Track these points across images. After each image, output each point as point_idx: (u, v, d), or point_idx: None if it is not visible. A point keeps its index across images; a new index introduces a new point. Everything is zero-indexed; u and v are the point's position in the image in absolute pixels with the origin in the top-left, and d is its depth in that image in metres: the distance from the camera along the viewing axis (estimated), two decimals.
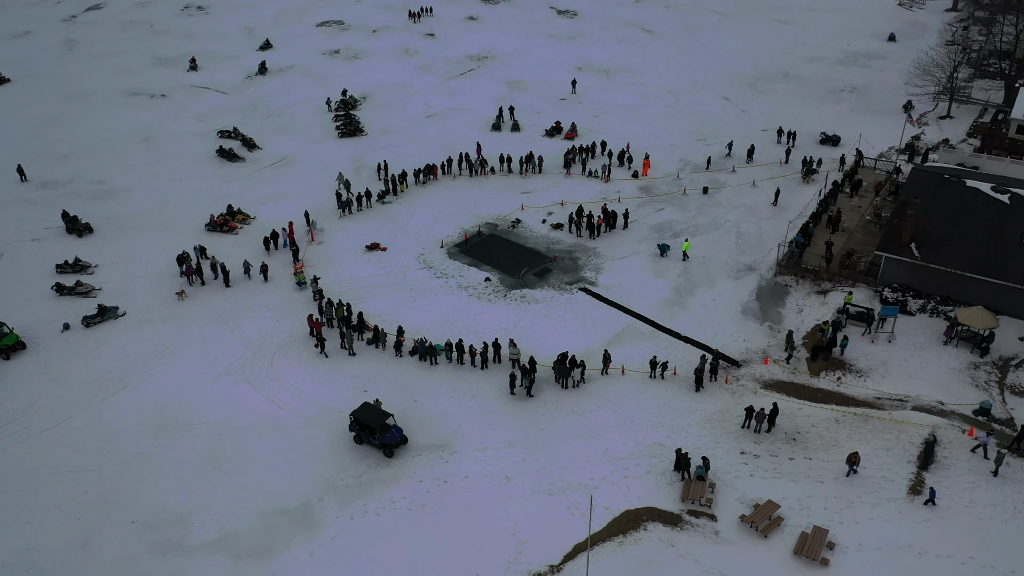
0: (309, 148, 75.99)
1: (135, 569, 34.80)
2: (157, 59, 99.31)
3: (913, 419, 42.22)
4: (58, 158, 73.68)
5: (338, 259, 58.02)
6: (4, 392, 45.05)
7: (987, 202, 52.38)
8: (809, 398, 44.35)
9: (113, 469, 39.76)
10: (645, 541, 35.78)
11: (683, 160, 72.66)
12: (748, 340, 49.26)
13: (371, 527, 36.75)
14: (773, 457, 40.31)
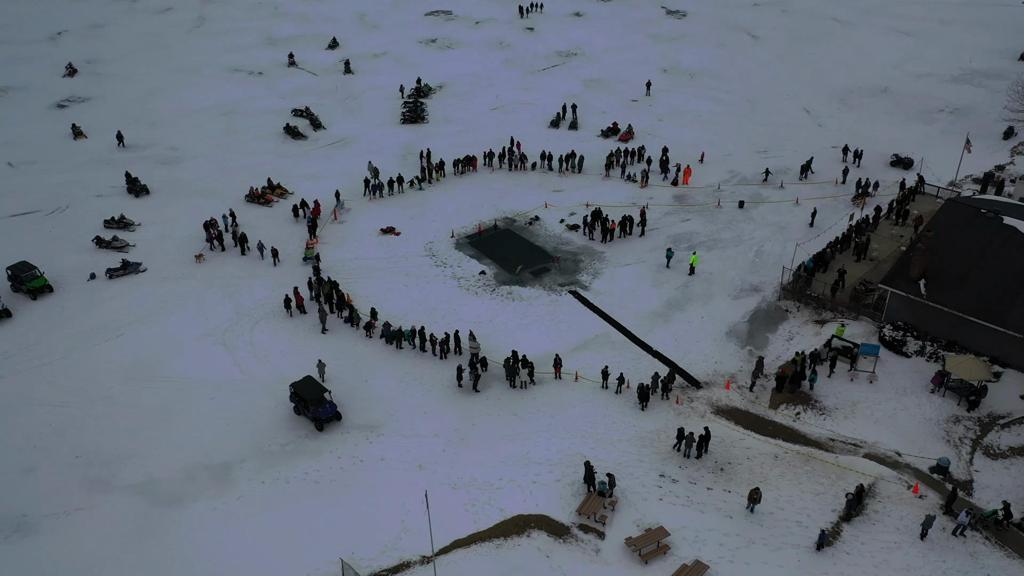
0: (369, 131, 78.97)
1: (62, 499, 38.30)
2: (268, 39, 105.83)
3: (858, 466, 39.27)
4: (147, 124, 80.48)
5: (352, 239, 60.32)
6: (19, 328, 50.36)
7: (1021, 243, 47.39)
8: (757, 430, 42.15)
9: (78, 408, 43.74)
10: (523, 547, 35.55)
11: (732, 171, 69.92)
12: (721, 362, 47.28)
13: (277, 493, 38.56)
14: (692, 484, 38.75)
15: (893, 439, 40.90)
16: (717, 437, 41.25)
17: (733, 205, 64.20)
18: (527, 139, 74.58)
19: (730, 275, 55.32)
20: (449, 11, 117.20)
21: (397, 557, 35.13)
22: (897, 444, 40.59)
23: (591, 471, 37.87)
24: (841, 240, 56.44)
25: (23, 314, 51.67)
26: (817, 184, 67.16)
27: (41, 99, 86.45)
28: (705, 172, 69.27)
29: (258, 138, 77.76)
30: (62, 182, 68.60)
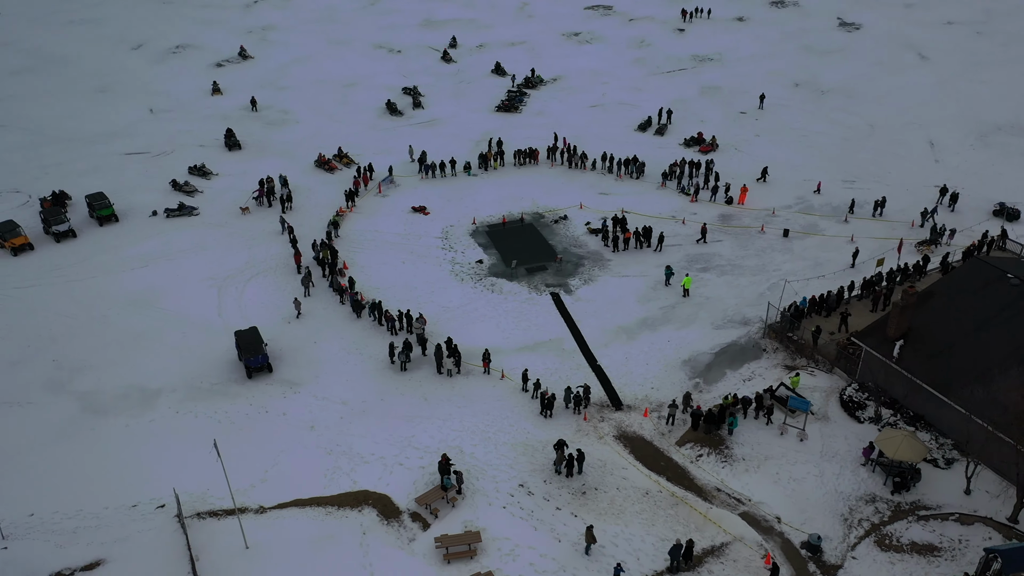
0: (462, 115, 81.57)
1: (20, 392, 44.80)
2: (426, 21, 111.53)
3: (725, 522, 36.21)
4: (277, 88, 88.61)
5: (383, 212, 63.41)
6: (78, 248, 58.60)
7: None
8: (647, 463, 40.00)
9: (77, 322, 50.55)
10: (348, 520, 36.76)
11: (801, 198, 64.85)
12: (658, 389, 45.04)
13: (181, 424, 42.57)
14: (545, 500, 37.81)
15: (783, 504, 37.10)
16: (600, 462, 39.72)
17: (777, 232, 59.60)
18: (610, 140, 73.73)
19: (726, 303, 51.97)
20: (609, 7, 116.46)
21: (240, 502, 37.61)
22: (784, 510, 36.79)
23: (445, 464, 38.09)
24: (864, 285, 50.86)
25: (86, 237, 59.95)
26: (889, 223, 60.57)
27: (207, 57, 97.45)
28: (770, 194, 64.77)
29: (361, 110, 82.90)
30: (180, 131, 77.69)
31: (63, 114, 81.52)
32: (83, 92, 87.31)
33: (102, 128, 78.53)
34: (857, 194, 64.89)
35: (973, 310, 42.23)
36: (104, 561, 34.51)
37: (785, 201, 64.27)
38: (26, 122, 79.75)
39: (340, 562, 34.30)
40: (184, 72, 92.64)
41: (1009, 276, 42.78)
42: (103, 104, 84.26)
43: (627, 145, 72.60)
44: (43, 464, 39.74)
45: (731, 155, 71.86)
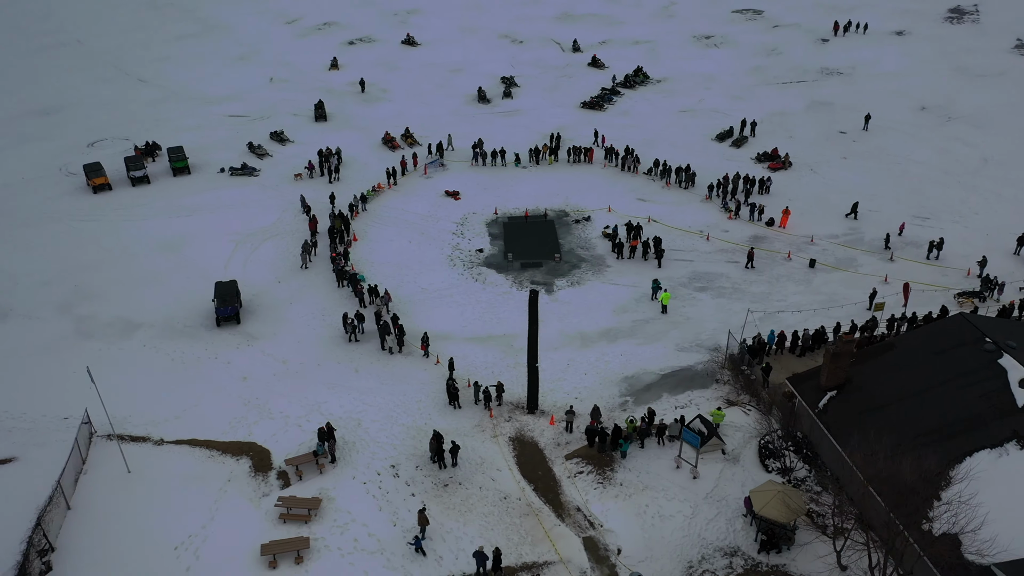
0: (546, 108, 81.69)
1: (37, 308, 51.26)
2: (564, 15, 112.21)
3: (561, 543, 34.82)
4: (389, 69, 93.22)
5: (418, 193, 65.39)
6: (146, 192, 65.52)
7: (993, 390, 35.36)
8: (524, 469, 39.15)
9: (110, 256, 56.70)
10: (222, 466, 39.12)
11: (855, 229, 59.37)
12: (583, 400, 43.65)
13: (138, 354, 46.87)
14: (406, 485, 38.17)
15: (633, 537, 34.96)
16: (479, 459, 39.47)
17: (803, 262, 55.05)
18: (682, 146, 71.47)
19: (704, 326, 49.02)
20: (759, 11, 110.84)
21: (144, 431, 41.22)
22: (630, 544, 34.68)
23: (325, 432, 39.44)
24: (852, 329, 46.04)
25: (157, 184, 66.97)
26: (943, 267, 53.95)
27: (345, 36, 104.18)
28: (822, 222, 59.61)
29: (453, 95, 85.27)
30: (284, 99, 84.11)
31: (199, 77, 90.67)
32: (225, 59, 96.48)
33: (225, 92, 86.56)
34: (928, 232, 58.14)
35: (929, 371, 37.14)
36: (16, 459, 39.09)
37: (838, 230, 58.87)
38: (166, 81, 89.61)
39: (192, 502, 36.73)
40: (317, 48, 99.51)
41: (987, 340, 37.08)
42: (236, 71, 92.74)
43: (698, 153, 69.57)
44: (13, 369, 45.48)
45: (802, 176, 66.75)
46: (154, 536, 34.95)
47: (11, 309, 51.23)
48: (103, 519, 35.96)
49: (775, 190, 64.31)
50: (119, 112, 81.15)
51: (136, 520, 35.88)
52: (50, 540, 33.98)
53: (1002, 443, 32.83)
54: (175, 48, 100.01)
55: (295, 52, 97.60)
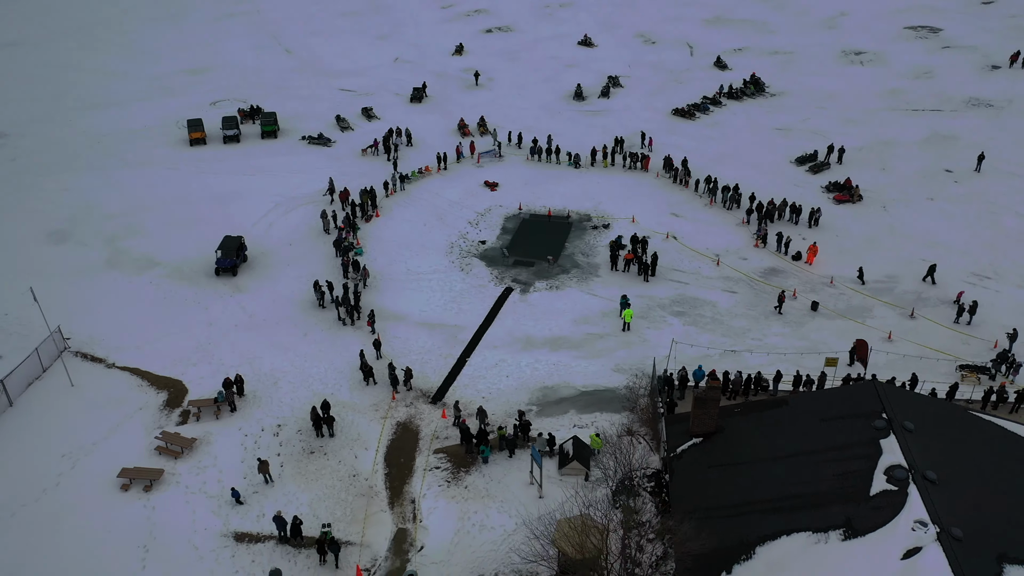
0: (635, 111, 79.85)
1: (95, 236, 59.01)
2: (716, 18, 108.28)
3: (375, 527, 35.63)
4: (509, 58, 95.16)
5: (460, 179, 66.78)
6: (232, 150, 72.49)
7: (857, 470, 31.68)
8: (388, 453, 40.09)
9: (170, 200, 63.61)
10: (142, 396, 43.50)
11: (892, 277, 53.68)
12: (491, 401, 43.58)
13: (137, 287, 52.62)
14: (278, 446, 40.46)
15: (444, 542, 34.84)
16: (356, 435, 40.99)
17: (805, 303, 50.62)
18: (752, 166, 67.58)
19: (657, 352, 46.65)
20: (937, 29, 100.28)
21: (104, 353, 46.75)
22: (437, 547, 34.59)
23: (231, 383, 42.70)
24: (796, 381, 42.02)
25: (245, 144, 73.84)
26: (968, 335, 47.46)
27: (492, 22, 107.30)
28: (861, 264, 54.06)
29: (553, 90, 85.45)
30: (397, 79, 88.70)
31: (336, 52, 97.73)
32: (368, 37, 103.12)
33: (352, 67, 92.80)
34: (981, 294, 51.05)
35: (805, 436, 33.48)
36: (2, 357, 45.95)
37: (873, 275, 53.24)
38: (310, 56, 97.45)
39: (101, 420, 41.44)
40: (455, 32, 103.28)
41: (883, 416, 32.77)
42: (373, 49, 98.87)
43: (769, 175, 65.56)
44: (39, 286, 52.80)
45: (869, 212, 60.67)
46: (52, 441, 39.88)
47: (71, 236, 59.27)
48: (27, 418, 41.54)
49: (828, 224, 59.00)
50: (253, 77, 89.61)
51: (50, 425, 41.14)
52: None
53: (827, 529, 29.15)
54: (332, 23, 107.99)
55: (433, 35, 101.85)
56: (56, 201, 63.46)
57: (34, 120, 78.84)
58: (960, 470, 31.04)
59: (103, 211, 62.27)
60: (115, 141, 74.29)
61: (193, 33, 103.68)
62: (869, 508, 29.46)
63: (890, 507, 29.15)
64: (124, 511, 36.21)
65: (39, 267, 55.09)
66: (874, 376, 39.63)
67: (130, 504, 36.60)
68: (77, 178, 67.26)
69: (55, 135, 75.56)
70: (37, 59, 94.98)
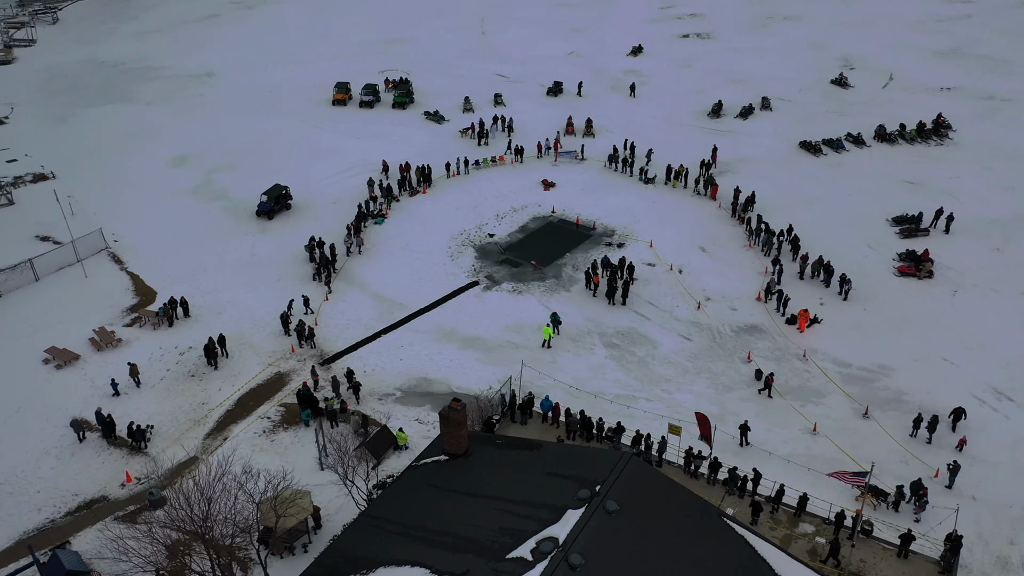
0: (761, 138, 73.76)
1: (208, 164, 69.95)
2: (953, 51, 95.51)
3: (171, 451, 40.02)
4: (678, 67, 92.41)
5: (524, 174, 67.36)
6: (364, 113, 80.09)
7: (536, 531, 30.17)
8: (242, 400, 44.01)
9: (284, 148, 72.44)
10: (126, 293, 52.01)
11: (882, 367, 46.29)
12: (368, 375, 45.61)
13: (198, 215, 61.79)
14: (165, 368, 46.24)
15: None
16: (233, 375, 45.39)
17: (779, 374, 45.54)
18: (841, 217, 60.41)
19: (556, 375, 45.41)
20: None
21: (127, 258, 56.10)
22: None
23: (173, 302, 49.40)
24: (635, 440, 38.80)
25: (376, 110, 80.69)
26: (915, 456, 39.99)
27: (684, 28, 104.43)
28: (866, 348, 47.22)
29: (697, 103, 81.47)
30: (553, 71, 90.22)
31: (523, 40, 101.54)
32: (563, 29, 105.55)
33: (524, 55, 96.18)
34: (982, 413, 42.35)
35: (516, 483, 31.70)
36: (62, 244, 57.23)
37: (865, 360, 46.06)
38: (497, 39, 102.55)
39: (77, 308, 50.20)
40: (653, 34, 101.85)
41: (595, 488, 30.15)
42: (557, 40, 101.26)
43: (845, 230, 58.36)
44: (129, 198, 63.91)
45: (930, 292, 51.76)
46: (38, 314, 49.40)
47: (186, 162, 70.31)
48: (41, 293, 51.67)
49: (870, 294, 51.27)
50: (432, 54, 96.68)
51: (48, 302, 50.79)
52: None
53: (445, 574, 28.11)
54: (541, 11, 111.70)
55: (625, 34, 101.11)
56: (199, 133, 75.19)
57: (238, 67, 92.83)
58: (625, 566, 27.55)
59: (223, 147, 72.58)
60: (281, 93, 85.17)
61: (416, 7, 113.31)
62: (491, 569, 27.61)
63: (509, 574, 27.12)
64: (28, 376, 44.09)
65: (148, 181, 66.53)
66: (644, 451, 35.11)
67: (36, 372, 44.44)
68: (227, 117, 78.76)
69: (244, 81, 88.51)
70: (270, 17, 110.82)
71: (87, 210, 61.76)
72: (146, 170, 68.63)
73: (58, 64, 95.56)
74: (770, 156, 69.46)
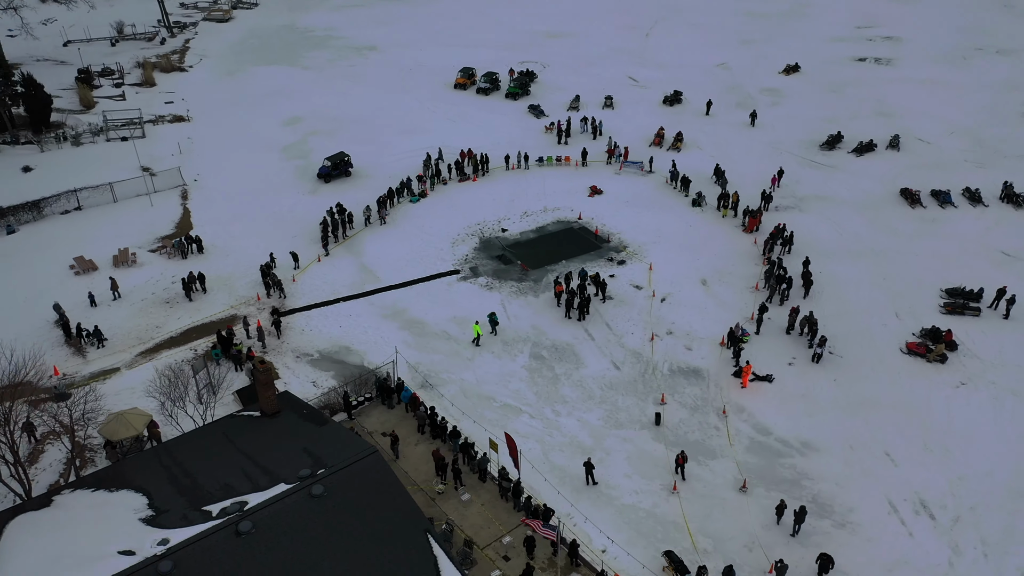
0: (855, 181, 66.67)
1: (312, 128, 77.11)
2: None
3: (96, 365, 46.02)
4: (829, 90, 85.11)
5: (584, 176, 66.56)
6: (473, 100, 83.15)
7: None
8: (193, 330, 49.24)
9: (403, 125, 77.84)
10: (178, 217, 59.94)
11: (805, 443, 41.69)
12: (303, 335, 49.13)
13: (271, 168, 68.85)
14: (166, 302, 52.84)
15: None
16: (196, 308, 50.99)
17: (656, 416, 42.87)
18: (895, 279, 53.27)
19: (454, 372, 45.97)
20: None
21: (192, 188, 64.20)
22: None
23: (190, 238, 56.07)
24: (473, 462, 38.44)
25: (489, 98, 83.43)
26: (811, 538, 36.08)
27: (870, 52, 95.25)
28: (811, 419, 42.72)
29: (813, 132, 75.11)
30: (689, 81, 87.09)
31: (681, 46, 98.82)
32: (731, 42, 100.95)
33: (671, 61, 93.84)
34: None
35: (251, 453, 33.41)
36: (167, 169, 66.68)
37: (786, 430, 41.63)
38: (654, 43, 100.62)
39: (130, 231, 58.49)
40: (829, 53, 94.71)
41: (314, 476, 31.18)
42: (717, 50, 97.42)
43: (888, 294, 51.58)
44: (247, 139, 72.18)
45: (933, 377, 44.84)
46: (105, 227, 58.00)
47: (296, 123, 77.68)
48: (113, 212, 60.65)
49: (852, 366, 45.54)
50: (581, 51, 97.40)
51: (116, 219, 59.34)
52: (79, 199, 60.61)
53: None
54: (732, 21, 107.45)
55: (807, 52, 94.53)
56: (323, 98, 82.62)
57: (402, 44, 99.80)
58: (290, 547, 28.38)
59: (334, 113, 79.21)
60: (418, 72, 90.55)
61: (597, 3, 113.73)
62: (183, 514, 29.49)
63: (191, 521, 29.10)
64: (51, 276, 52.45)
65: (257, 135, 74.63)
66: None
67: (60, 274, 52.75)
68: (359, 88, 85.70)
69: (398, 58, 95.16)
70: (457, 1, 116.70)
71: (193, 152, 70.64)
72: (261, 126, 76.72)
73: (260, 26, 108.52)
74: (855, 198, 62.35)
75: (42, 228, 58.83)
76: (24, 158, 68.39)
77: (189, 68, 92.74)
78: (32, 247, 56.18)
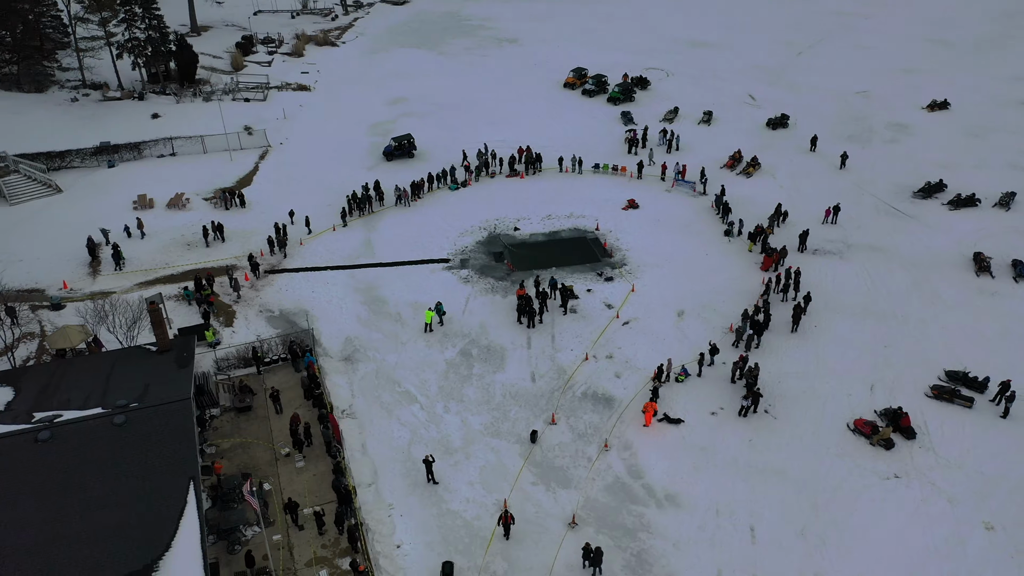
0: (948, 234, 59.40)
1: (388, 99, 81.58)
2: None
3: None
4: (968, 135, 75.81)
5: (630, 189, 64.56)
6: (564, 96, 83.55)
7: None
8: (197, 272, 54.97)
9: (469, 107, 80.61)
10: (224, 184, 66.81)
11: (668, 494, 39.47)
12: (277, 294, 53.09)
13: (343, 140, 73.92)
14: (182, 228, 59.36)
15: None
16: (207, 254, 56.81)
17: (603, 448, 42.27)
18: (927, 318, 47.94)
19: (387, 353, 47.80)
20: None
21: (265, 163, 70.82)
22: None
23: (236, 196, 62.28)
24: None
25: (596, 98, 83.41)
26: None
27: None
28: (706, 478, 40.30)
29: (901, 186, 67.65)
30: (805, 105, 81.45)
31: (823, 67, 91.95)
32: (891, 69, 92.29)
33: (811, 83, 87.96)
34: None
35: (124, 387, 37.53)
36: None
37: (658, 478, 39.48)
38: (810, 62, 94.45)
39: (200, 177, 66.21)
40: (987, 92, 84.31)
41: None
42: (877, 76, 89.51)
43: (873, 363, 45.99)
44: (350, 110, 78.19)
45: (872, 465, 40.35)
46: (171, 172, 66.27)
47: (398, 103, 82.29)
48: (195, 159, 68.72)
49: (777, 430, 41.89)
50: (712, 64, 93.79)
51: (190, 165, 67.39)
52: (174, 146, 69.25)
53: None
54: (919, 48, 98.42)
55: (971, 91, 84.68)
56: (436, 82, 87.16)
57: (545, 40, 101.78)
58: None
59: (437, 98, 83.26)
60: (542, 68, 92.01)
61: (767, 16, 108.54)
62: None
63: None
64: (114, 209, 60.44)
65: (360, 110, 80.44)
66: None
67: (121, 208, 60.70)
68: (476, 76, 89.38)
69: (530, 52, 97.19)
70: (619, 4, 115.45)
71: (296, 118, 77.49)
72: (368, 102, 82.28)
73: (427, 11, 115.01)
74: (914, 255, 55.52)
75: (136, 167, 67.73)
76: (159, 106, 78.60)
77: (342, 44, 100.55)
78: (118, 181, 65.00)
